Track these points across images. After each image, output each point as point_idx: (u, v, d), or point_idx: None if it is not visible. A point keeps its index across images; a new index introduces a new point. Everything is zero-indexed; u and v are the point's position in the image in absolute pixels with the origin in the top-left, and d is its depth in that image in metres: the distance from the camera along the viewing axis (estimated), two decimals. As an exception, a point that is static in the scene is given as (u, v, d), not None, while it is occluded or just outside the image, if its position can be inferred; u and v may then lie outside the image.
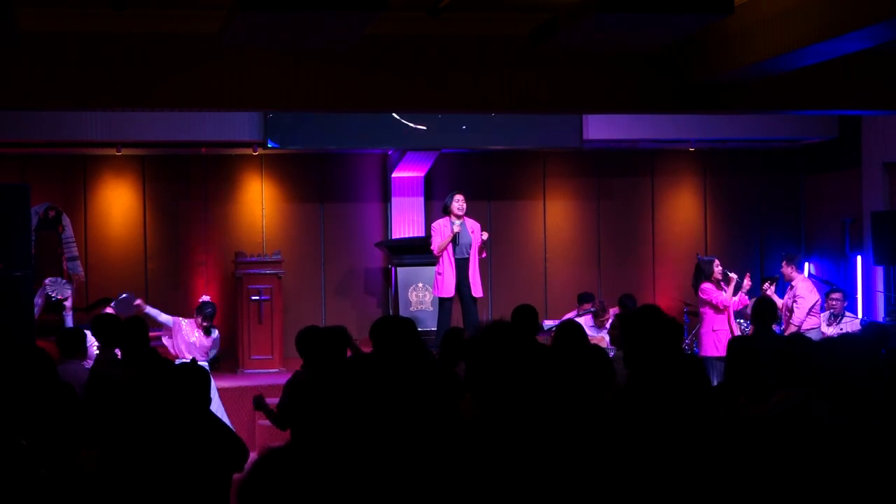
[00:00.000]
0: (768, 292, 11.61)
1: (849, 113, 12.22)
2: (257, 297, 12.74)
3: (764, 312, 8.83)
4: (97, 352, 8.60)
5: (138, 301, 11.54)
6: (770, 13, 7.74)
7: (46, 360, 5.47)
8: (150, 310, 11.23)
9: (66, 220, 12.65)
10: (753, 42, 7.97)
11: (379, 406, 4.44)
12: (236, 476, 4.59)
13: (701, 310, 11.21)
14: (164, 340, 10.95)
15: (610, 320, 11.16)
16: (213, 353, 11.06)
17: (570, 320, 7.86)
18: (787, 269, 11.49)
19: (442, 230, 11.24)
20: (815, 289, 11.45)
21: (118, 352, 7.33)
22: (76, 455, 4.60)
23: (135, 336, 7.04)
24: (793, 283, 11.40)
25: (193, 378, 4.71)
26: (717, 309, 10.98)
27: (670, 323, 4.63)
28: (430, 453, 3.49)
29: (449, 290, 11.20)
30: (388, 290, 13.85)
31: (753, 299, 10.65)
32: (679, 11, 6.86)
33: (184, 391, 4.64)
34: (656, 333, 4.55)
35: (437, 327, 11.38)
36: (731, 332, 10.83)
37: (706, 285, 11.19)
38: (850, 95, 9.52)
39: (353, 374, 4.67)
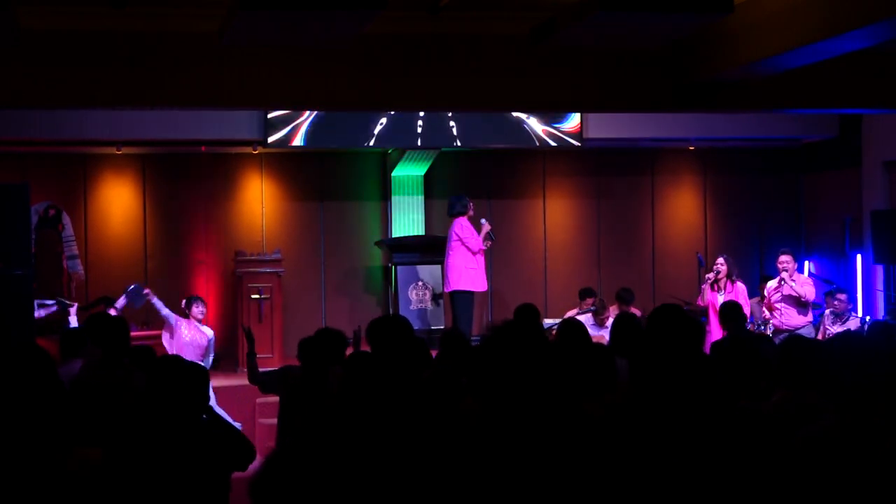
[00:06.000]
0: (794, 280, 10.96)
1: (849, 112, 12.22)
2: (257, 296, 12.71)
3: (733, 314, 8.59)
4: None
5: (147, 290, 11.59)
6: (770, 12, 7.74)
7: (46, 358, 5.45)
8: (155, 300, 11.26)
9: (66, 219, 12.64)
10: (753, 41, 7.96)
11: (379, 404, 4.44)
12: (239, 475, 4.58)
13: None
14: (164, 340, 10.91)
15: (610, 318, 11.12)
16: (209, 358, 10.82)
17: (573, 318, 7.86)
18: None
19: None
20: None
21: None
22: (71, 452, 4.59)
23: (115, 337, 6.65)
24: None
25: (190, 376, 4.69)
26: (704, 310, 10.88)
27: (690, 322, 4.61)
28: (429, 451, 3.49)
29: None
30: (388, 288, 13.85)
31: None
32: (679, 11, 6.85)
33: (180, 389, 4.62)
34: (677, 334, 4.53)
35: (460, 323, 11.47)
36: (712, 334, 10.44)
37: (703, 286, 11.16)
38: (850, 94, 9.52)
39: (353, 374, 4.69)
